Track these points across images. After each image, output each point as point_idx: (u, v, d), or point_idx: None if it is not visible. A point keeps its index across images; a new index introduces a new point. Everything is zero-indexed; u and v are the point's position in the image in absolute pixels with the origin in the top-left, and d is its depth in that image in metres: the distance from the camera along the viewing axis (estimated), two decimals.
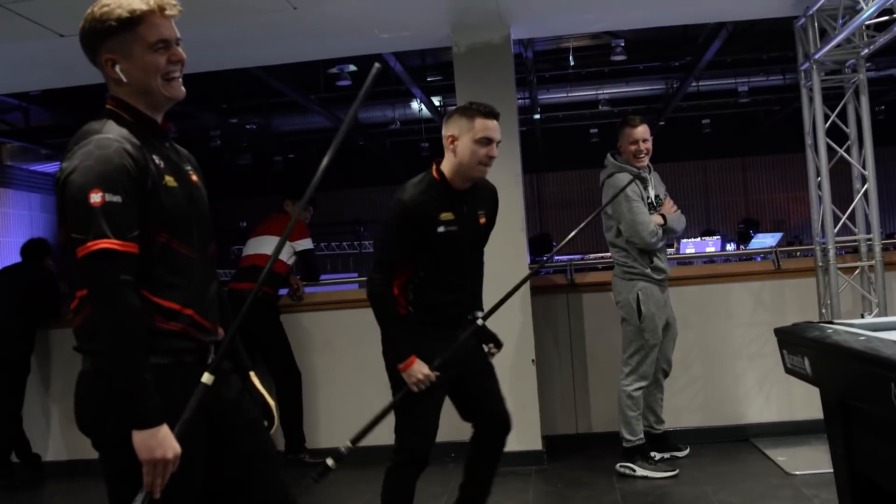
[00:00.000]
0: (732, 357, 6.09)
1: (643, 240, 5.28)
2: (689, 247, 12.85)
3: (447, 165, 3.88)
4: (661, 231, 5.35)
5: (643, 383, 5.38)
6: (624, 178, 5.35)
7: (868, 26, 5.41)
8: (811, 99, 5.78)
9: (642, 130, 5.55)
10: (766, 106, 15.48)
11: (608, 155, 5.60)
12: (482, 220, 4.01)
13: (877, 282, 5.71)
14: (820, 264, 5.80)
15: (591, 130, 15.89)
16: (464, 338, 3.88)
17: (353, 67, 11.84)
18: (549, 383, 6.17)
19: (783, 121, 14.89)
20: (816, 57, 5.61)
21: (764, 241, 12.32)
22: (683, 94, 14.41)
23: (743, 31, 10.65)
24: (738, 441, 6.02)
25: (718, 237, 13.41)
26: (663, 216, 5.43)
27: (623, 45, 11.49)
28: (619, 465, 5.43)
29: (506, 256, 5.88)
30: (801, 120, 5.95)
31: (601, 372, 6.11)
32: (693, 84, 13.86)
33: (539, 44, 11.46)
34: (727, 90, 14.70)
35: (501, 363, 5.76)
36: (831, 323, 3.59)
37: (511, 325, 5.84)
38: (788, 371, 3.63)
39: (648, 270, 5.35)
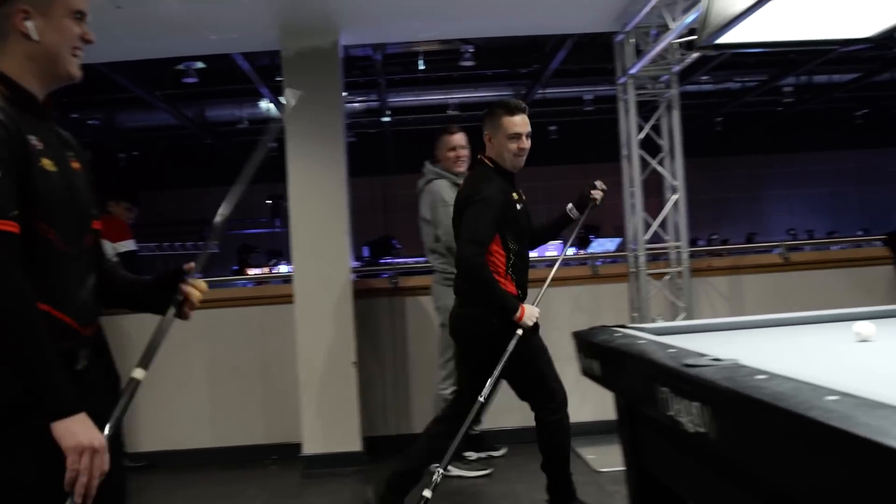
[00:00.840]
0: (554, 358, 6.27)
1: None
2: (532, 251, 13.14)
3: (494, 159, 4.35)
4: None
5: None
6: (442, 184, 5.46)
7: (681, 44, 5.66)
8: (627, 112, 6.02)
9: (459, 138, 5.68)
10: (610, 115, 15.90)
11: (426, 162, 5.70)
12: (525, 198, 4.46)
13: (684, 287, 5.97)
14: (632, 270, 6.04)
15: (452, 126, 16.05)
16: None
17: (200, 64, 11.62)
18: (371, 385, 6.27)
19: None
20: (632, 72, 5.85)
21: (603, 245, 12.67)
22: (531, 101, 14.72)
23: (589, 42, 10.98)
24: None
25: (560, 241, 13.70)
26: None
27: (472, 50, 11.63)
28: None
29: (329, 259, 5.94)
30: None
31: (422, 374, 6.23)
32: (540, 91, 14.18)
33: (390, 47, 11.52)
34: (573, 98, 15.10)
35: (321, 366, 5.83)
36: (623, 327, 3.75)
37: (331, 328, 5.91)
38: (584, 374, 3.79)
39: None
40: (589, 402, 6.22)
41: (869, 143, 19.80)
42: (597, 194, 4.62)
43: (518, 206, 4.33)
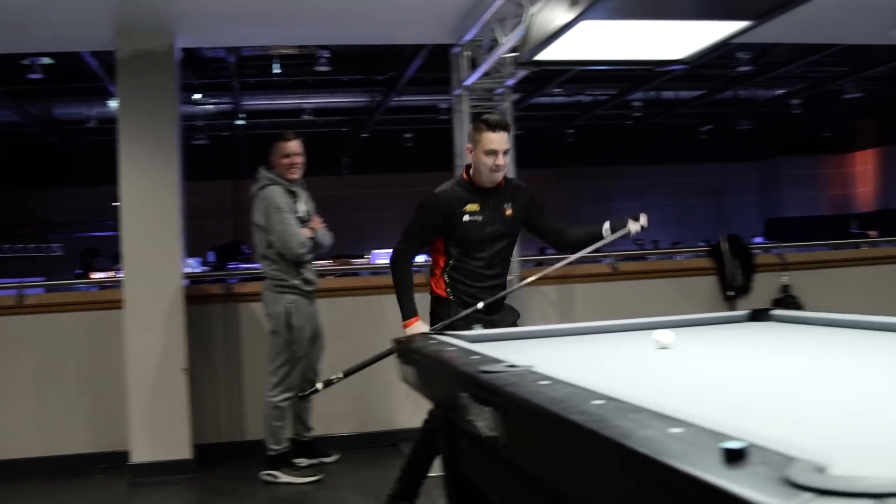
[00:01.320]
0: (385, 366, 6.16)
1: (292, 251, 5.39)
2: (382, 257, 13.16)
3: (473, 169, 4.45)
4: (310, 244, 5.48)
5: (290, 394, 5.50)
6: (276, 190, 5.44)
7: (514, 59, 5.79)
8: (461, 123, 6.12)
9: (294, 145, 5.66)
10: None
11: (260, 168, 5.66)
12: (508, 213, 4.48)
13: (515, 295, 6.08)
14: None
15: (289, 133, 15.97)
16: (461, 316, 4.32)
17: (47, 60, 11.21)
18: (201, 392, 6.17)
19: None
20: (467, 84, 5.95)
21: None
22: (386, 108, 14.77)
23: (444, 51, 11.08)
24: (387, 446, 6.25)
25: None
26: (313, 230, 5.57)
27: (328, 56, 11.62)
28: (263, 472, 5.52)
29: (161, 264, 5.85)
30: None
31: (254, 381, 6.16)
32: (395, 98, 14.26)
33: (245, 49, 11.41)
34: (428, 106, 15.23)
35: (151, 373, 5.74)
36: (441, 334, 3.81)
37: (162, 335, 5.82)
38: (402, 380, 3.86)
39: (298, 282, 5.48)
40: (422, 407, 6.27)
41: (712, 158, 20.62)
42: (633, 226, 4.56)
43: (467, 217, 4.39)
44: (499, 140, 4.33)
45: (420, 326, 4.38)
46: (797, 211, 20.61)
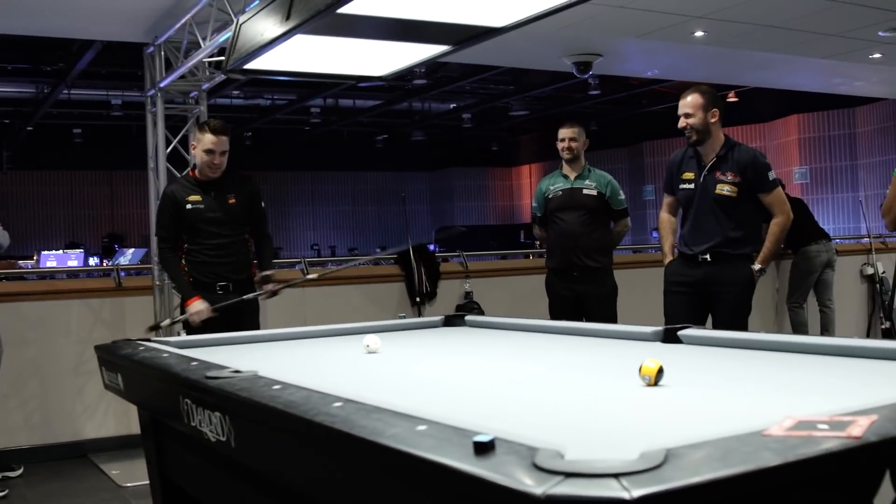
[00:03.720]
0: (71, 374, 6.04)
1: None
2: (51, 259, 12.52)
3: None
4: None
5: None
6: None
7: (211, 63, 5.77)
8: (155, 125, 6.01)
9: None
10: (138, 121, 15.65)
11: None
12: (231, 201, 5.05)
13: None
14: (157, 283, 6.05)
15: None
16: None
17: None
18: None
19: None
20: (161, 85, 5.85)
21: (128, 256, 12.41)
22: (55, 101, 14.05)
23: (119, 46, 10.67)
24: (76, 457, 6.01)
25: (82, 250, 13.20)
26: None
27: None
28: None
29: None
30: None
31: None
32: (65, 91, 13.59)
33: None
34: (101, 101, 14.63)
35: None
36: (148, 341, 3.76)
37: None
38: (107, 387, 3.75)
39: None
40: (112, 416, 6.13)
41: (387, 166, 21.28)
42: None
43: (189, 206, 4.96)
44: (215, 141, 4.90)
45: (199, 304, 4.87)
46: (467, 220, 21.71)
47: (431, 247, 16.91)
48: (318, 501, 2.01)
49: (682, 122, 4.92)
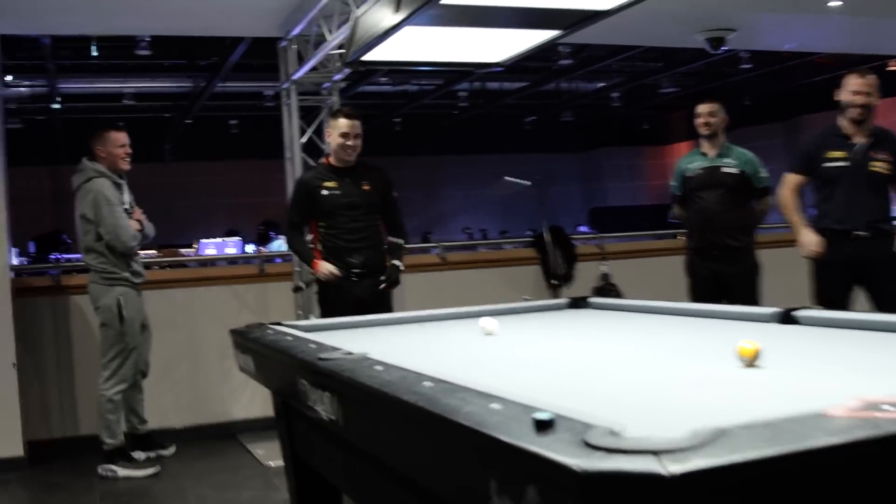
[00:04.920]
0: (219, 358, 6.29)
1: (124, 244, 5.39)
2: (210, 247, 13.07)
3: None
4: (140, 236, 5.51)
5: (123, 386, 5.49)
6: (104, 183, 5.42)
7: (340, 56, 5.93)
8: (290, 116, 6.23)
9: (126, 135, 5.65)
10: None
11: (84, 159, 5.59)
12: (365, 187, 5.27)
13: None
14: (297, 268, 6.27)
15: (119, 123, 15.59)
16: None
17: None
18: (32, 388, 6.06)
19: None
20: (295, 77, 6.06)
21: (282, 242, 12.81)
22: (211, 94, 14.59)
23: (271, 41, 11.04)
24: (224, 437, 6.28)
25: (239, 238, 13.71)
26: (140, 222, 5.58)
27: (149, 40, 11.36)
28: (100, 467, 5.48)
29: None
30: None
31: (87, 375, 6.07)
32: (220, 84, 14.09)
33: None
34: (253, 93, 15.12)
35: None
36: (279, 324, 3.93)
37: None
38: (242, 370, 3.96)
39: (127, 275, 5.47)
40: (258, 397, 6.38)
41: (536, 148, 21.21)
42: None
43: (325, 192, 5.21)
44: (348, 125, 5.16)
45: (325, 264, 5.19)
46: (619, 201, 21.46)
47: (583, 227, 16.89)
48: (413, 477, 2.09)
49: (861, 99, 5.08)
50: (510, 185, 5.54)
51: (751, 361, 2.30)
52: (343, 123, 5.17)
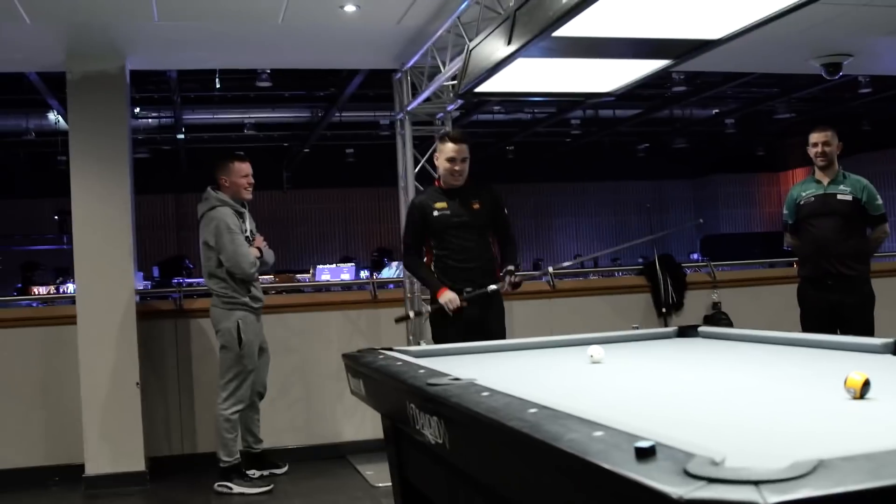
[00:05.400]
0: (332, 380, 6.44)
1: (243, 271, 5.58)
2: (325, 273, 13.32)
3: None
4: (258, 263, 5.68)
5: (240, 406, 5.66)
6: (226, 211, 5.62)
7: (453, 87, 6.03)
8: (404, 146, 6.36)
9: (249, 165, 5.85)
10: None
11: (208, 188, 5.81)
12: (475, 206, 5.29)
13: None
14: (408, 295, 6.38)
15: (238, 153, 16.04)
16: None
17: None
18: (154, 405, 6.31)
19: None
20: (409, 108, 6.19)
21: (395, 269, 12.96)
22: (328, 124, 14.92)
23: (386, 71, 11.28)
24: (335, 458, 6.43)
25: (353, 264, 13.93)
26: (259, 249, 5.76)
27: (269, 71, 11.72)
28: (217, 484, 5.66)
29: (113, 280, 5.98)
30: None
31: (206, 395, 6.28)
32: (337, 114, 14.42)
33: None
34: (369, 122, 15.42)
35: (105, 387, 5.87)
36: (390, 349, 4.02)
37: (114, 349, 5.96)
38: (353, 393, 4.05)
39: (247, 300, 5.66)
40: (369, 420, 6.49)
41: (649, 175, 21.04)
42: (499, 285, 5.26)
43: (436, 213, 5.26)
44: (454, 149, 5.20)
45: (449, 293, 5.17)
46: (732, 228, 21.11)
47: (695, 255, 16.63)
48: (516, 503, 2.13)
49: None
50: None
51: (859, 393, 2.28)
52: (450, 148, 5.21)
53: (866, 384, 2.29)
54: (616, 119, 16.92)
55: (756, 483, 1.31)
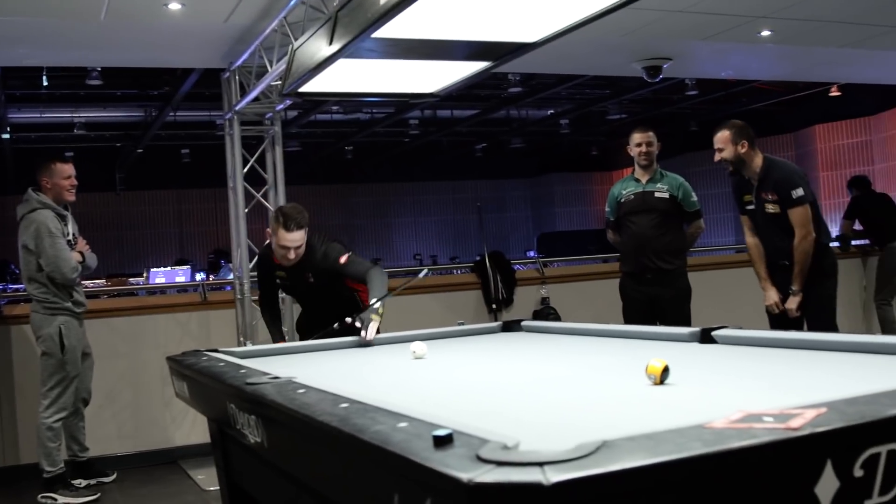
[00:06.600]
0: (161, 384, 6.28)
1: (64, 276, 5.41)
2: (160, 276, 13.02)
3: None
4: (80, 267, 5.53)
5: (63, 414, 5.49)
6: (48, 214, 5.44)
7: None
8: (232, 146, 6.30)
9: (72, 167, 5.67)
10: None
11: (29, 189, 5.61)
12: (310, 280, 4.89)
13: (286, 312, 6.26)
14: (238, 297, 6.31)
15: (67, 154, 15.51)
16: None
17: None
18: None
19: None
20: (237, 108, 6.13)
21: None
22: (162, 123, 14.59)
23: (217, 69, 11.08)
24: (166, 464, 6.32)
25: (189, 266, 13.67)
26: (82, 253, 5.60)
27: (99, 70, 11.35)
28: (40, 495, 5.47)
29: None
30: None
31: (28, 404, 6.05)
32: (171, 114, 14.10)
33: None
34: (205, 122, 15.14)
35: None
36: (215, 351, 3.98)
37: None
38: (178, 396, 4.00)
39: (69, 304, 5.49)
40: (199, 424, 6.37)
41: (487, 174, 21.39)
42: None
43: (279, 280, 5.06)
44: (291, 239, 4.66)
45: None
46: (568, 225, 21.66)
47: (531, 252, 17.00)
48: (328, 495, 2.16)
49: (716, 157, 5.42)
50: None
51: (659, 379, 2.40)
52: (283, 237, 4.65)
53: (665, 371, 2.41)
54: (454, 119, 17.13)
55: (541, 464, 1.37)
